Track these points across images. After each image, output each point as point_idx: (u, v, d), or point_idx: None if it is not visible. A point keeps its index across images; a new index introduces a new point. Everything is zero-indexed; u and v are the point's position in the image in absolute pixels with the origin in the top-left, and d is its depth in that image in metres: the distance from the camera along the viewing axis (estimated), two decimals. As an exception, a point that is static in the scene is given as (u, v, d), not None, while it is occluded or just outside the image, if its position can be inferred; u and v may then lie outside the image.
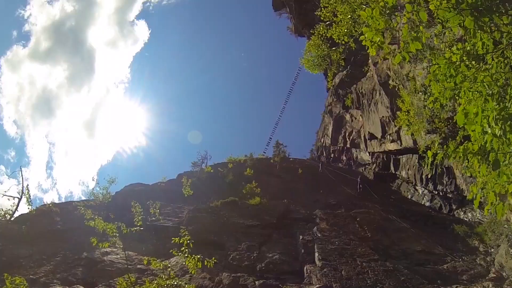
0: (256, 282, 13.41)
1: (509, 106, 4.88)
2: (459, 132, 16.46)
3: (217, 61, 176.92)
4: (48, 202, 20.59)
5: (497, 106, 4.97)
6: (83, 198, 24.69)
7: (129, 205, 13.05)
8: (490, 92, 5.51)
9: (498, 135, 4.95)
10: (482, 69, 5.86)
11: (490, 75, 5.66)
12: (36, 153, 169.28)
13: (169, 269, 11.14)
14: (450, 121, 19.00)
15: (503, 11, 5.24)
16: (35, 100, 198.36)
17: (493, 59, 5.63)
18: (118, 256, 14.61)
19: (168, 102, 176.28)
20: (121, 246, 12.13)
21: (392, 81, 25.32)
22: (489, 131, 5.09)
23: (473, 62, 5.72)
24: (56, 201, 30.56)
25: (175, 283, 10.26)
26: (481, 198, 6.04)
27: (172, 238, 11.81)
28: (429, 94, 16.46)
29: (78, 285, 11.79)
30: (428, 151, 6.58)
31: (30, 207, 19.16)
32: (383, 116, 30.01)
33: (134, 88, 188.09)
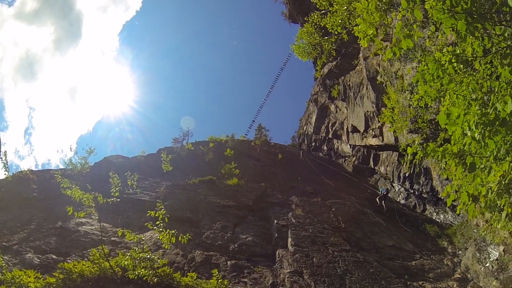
0: (228, 262, 13.55)
1: (490, 112, 5.01)
2: (440, 134, 16.80)
3: (208, 35, 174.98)
4: (25, 169, 20.05)
5: (479, 111, 5.10)
6: (61, 167, 24.13)
7: (107, 176, 12.92)
8: (474, 97, 5.63)
9: (477, 139, 5.09)
10: (468, 74, 5.98)
11: (476, 80, 5.79)
12: (15, 118, 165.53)
13: (143, 242, 11.18)
14: (433, 122, 19.32)
15: (497, 21, 5.33)
16: (17, 62, 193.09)
17: (480, 65, 5.74)
18: (93, 227, 14.51)
19: (156, 75, 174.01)
20: (97, 217, 12.04)
21: (381, 77, 25.51)
22: (469, 134, 5.22)
23: (461, 66, 5.82)
24: (33, 168, 29.90)
25: (148, 256, 10.30)
26: (454, 198, 6.22)
27: (148, 211, 11.86)
28: (415, 93, 16.70)
29: (51, 254, 11.69)
30: (409, 147, 6.72)
31: (6, 173, 18.74)
32: (367, 111, 30.28)
33: (122, 57, 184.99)
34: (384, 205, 23.14)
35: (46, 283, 9.20)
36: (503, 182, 4.77)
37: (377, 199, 23.84)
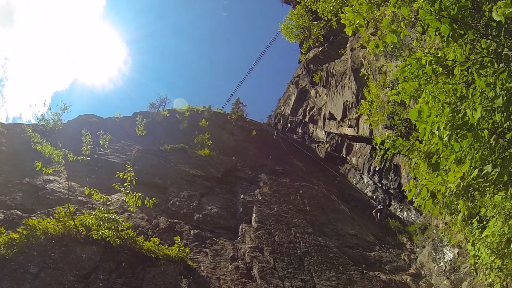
0: (191, 231, 13.72)
1: (460, 117, 5.21)
2: (413, 133, 17.23)
3: (198, 2, 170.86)
4: (-5, 122, 19.24)
5: (451, 114, 5.29)
6: (33, 122, 23.36)
7: (79, 135, 12.63)
8: (448, 101, 5.83)
9: (444, 140, 5.30)
10: (445, 77, 6.17)
11: (452, 84, 5.99)
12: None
13: (109, 203, 11.16)
14: (408, 121, 19.73)
15: (483, 33, 5.51)
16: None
17: (458, 71, 5.92)
18: (61, 185, 14.30)
19: (141, 38, 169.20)
20: (65, 176, 11.85)
21: (364, 70, 25.76)
22: (436, 134, 5.43)
23: (440, 69, 6.00)
24: (4, 121, 28.81)
25: (113, 217, 10.31)
26: (415, 193, 6.46)
27: (117, 172, 11.81)
28: (395, 89, 17.02)
29: (16, 210, 11.47)
30: (378, 137, 6.92)
31: (-26, 124, 17.98)
32: (347, 100, 30.60)
33: (109, 13, 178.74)
34: (378, 217, 21.55)
35: (9, 239, 9.08)
36: (462, 184, 5.00)
37: (373, 213, 21.97)
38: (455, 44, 5.44)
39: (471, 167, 5.01)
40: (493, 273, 8.28)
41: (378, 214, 21.56)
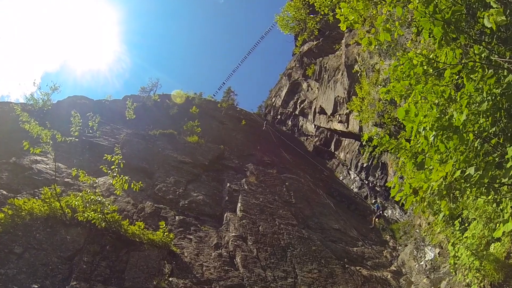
0: (176, 217, 13.78)
1: (447, 119, 5.32)
2: (402, 132, 17.41)
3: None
4: (-17, 99, 18.84)
5: (438, 115, 5.40)
6: (22, 101, 22.93)
7: (68, 116, 12.49)
8: (437, 102, 5.94)
9: (429, 140, 5.41)
10: (435, 78, 6.27)
11: (440, 86, 6.09)
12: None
13: (95, 185, 11.15)
14: (398, 120, 19.90)
15: (476, 39, 5.61)
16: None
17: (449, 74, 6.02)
18: (48, 166, 14.16)
19: (137, 21, 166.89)
20: (53, 156, 11.76)
21: (358, 66, 25.86)
22: (422, 133, 5.54)
23: (430, 70, 6.09)
24: None
25: (99, 199, 10.31)
26: (398, 189, 6.56)
27: (105, 155, 11.78)
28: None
29: (1, 190, 11.32)
30: (365, 134, 7.02)
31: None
32: (338, 96, 30.73)
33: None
34: (375, 223, 20.72)
35: (-5, 218, 9.06)
36: (444, 183, 5.12)
37: (372, 219, 21.02)
38: (447, 47, 5.53)
39: (454, 168, 5.12)
40: (471, 274, 8.50)
41: (377, 219, 20.63)
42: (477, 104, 5.35)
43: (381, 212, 21.33)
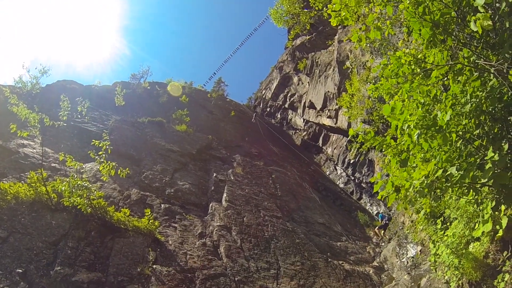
0: (162, 205, 13.83)
1: (431, 118, 5.44)
2: (389, 130, 17.58)
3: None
4: (-30, 81, 18.49)
5: (423, 114, 5.52)
6: (10, 84, 22.56)
7: (57, 101, 12.37)
8: (422, 101, 6.06)
9: (413, 138, 5.54)
10: (421, 78, 6.40)
11: (426, 85, 6.22)
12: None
13: (82, 171, 11.11)
14: (386, 118, 20.04)
15: (466, 43, 5.73)
16: None
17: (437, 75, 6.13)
18: (35, 150, 14.03)
19: (131, 2, 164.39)
20: (40, 141, 11.67)
21: (349, 63, 25.98)
22: (406, 131, 5.66)
23: (418, 70, 6.21)
24: None
25: (86, 184, 10.29)
26: (381, 185, 6.69)
27: (93, 141, 11.72)
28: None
29: None
30: (351, 129, 7.13)
31: None
32: (328, 91, 30.85)
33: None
34: (382, 234, 18.65)
35: (-21, 202, 9.00)
36: (425, 182, 5.25)
37: (376, 230, 19.17)
38: (436, 48, 5.65)
39: (436, 167, 5.26)
40: (450, 271, 8.70)
41: (383, 231, 18.63)
42: (462, 105, 5.48)
43: (387, 222, 18.98)
